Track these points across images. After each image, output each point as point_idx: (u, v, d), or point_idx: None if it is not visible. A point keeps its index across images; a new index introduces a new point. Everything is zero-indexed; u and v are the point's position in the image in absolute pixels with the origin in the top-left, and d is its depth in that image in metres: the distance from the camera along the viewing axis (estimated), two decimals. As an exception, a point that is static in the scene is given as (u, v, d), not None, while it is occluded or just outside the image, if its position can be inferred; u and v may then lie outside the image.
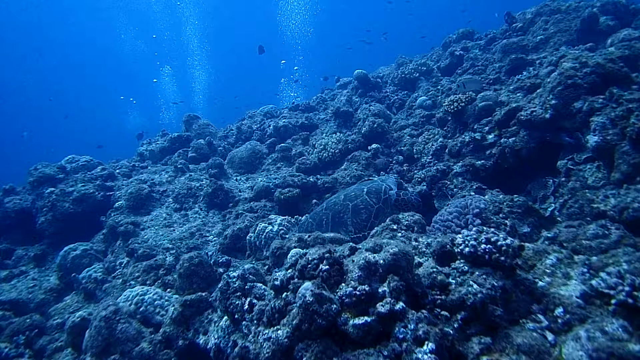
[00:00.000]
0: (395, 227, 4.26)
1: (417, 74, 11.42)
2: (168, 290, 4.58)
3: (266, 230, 5.95)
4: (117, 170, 9.48)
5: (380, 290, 2.60)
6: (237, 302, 3.00)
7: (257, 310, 2.81)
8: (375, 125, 8.70)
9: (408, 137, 8.18)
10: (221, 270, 4.86)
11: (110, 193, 8.09)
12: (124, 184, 8.52)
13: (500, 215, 4.54)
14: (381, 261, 2.66)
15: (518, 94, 6.26)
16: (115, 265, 6.17)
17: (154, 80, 36.57)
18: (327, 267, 2.70)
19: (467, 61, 10.23)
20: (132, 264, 5.70)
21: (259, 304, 2.87)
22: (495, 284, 2.63)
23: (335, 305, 2.41)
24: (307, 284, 2.42)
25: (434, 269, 2.83)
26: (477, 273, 2.72)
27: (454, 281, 2.74)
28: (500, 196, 4.85)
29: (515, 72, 7.68)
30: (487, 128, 6.10)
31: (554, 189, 5.11)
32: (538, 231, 4.56)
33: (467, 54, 10.66)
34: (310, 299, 2.34)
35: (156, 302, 3.93)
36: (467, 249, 2.79)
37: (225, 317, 3.18)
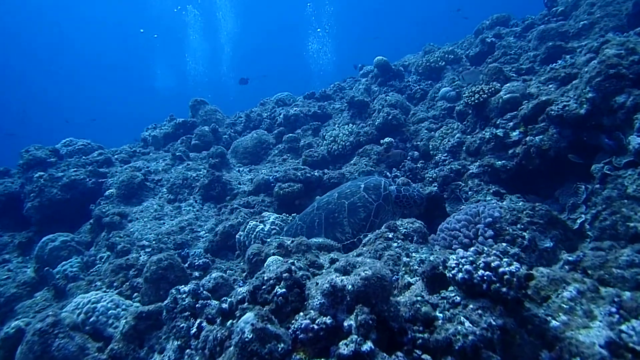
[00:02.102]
0: (390, 236, 3.77)
1: (443, 63, 10.82)
2: (135, 295, 4.25)
3: (257, 229, 5.57)
4: (115, 156, 9.27)
5: (346, 324, 2.14)
6: (182, 325, 2.60)
7: (202, 337, 2.40)
8: (390, 117, 8.15)
9: (425, 132, 7.61)
10: (197, 274, 4.51)
11: (103, 180, 7.86)
12: (118, 170, 8.28)
13: (518, 226, 4.00)
14: (349, 287, 2.20)
15: (550, 86, 5.61)
16: (95, 260, 5.92)
17: (175, 9, 36.67)
18: (283, 290, 2.26)
19: (498, 49, 9.52)
20: (110, 261, 5.42)
21: (206, 329, 2.46)
22: (493, 322, 2.13)
23: (282, 345, 1.97)
24: (249, 315, 1.98)
25: (419, 298, 2.35)
26: (471, 306, 2.22)
27: (441, 315, 2.26)
28: (520, 203, 4.29)
29: (552, 62, 7.00)
30: (511, 124, 5.47)
31: (586, 196, 4.50)
32: (563, 247, 4.00)
33: (500, 42, 9.96)
34: (249, 336, 1.90)
35: (110, 312, 3.57)
36: (460, 275, 2.30)
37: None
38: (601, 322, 2.21)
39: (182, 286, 2.83)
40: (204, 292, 2.79)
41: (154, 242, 6.05)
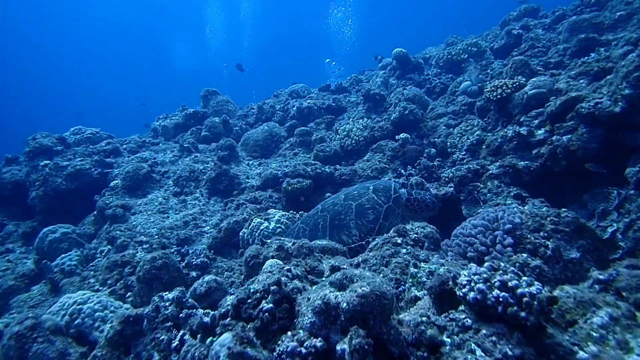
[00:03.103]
0: (399, 241, 3.51)
1: (466, 55, 10.42)
2: (129, 294, 4.08)
3: (261, 227, 5.36)
4: (124, 146, 9.17)
5: (339, 347, 1.90)
6: (162, 337, 2.39)
7: (182, 353, 2.18)
8: (406, 112, 7.84)
9: (444, 128, 7.28)
10: (194, 274, 4.32)
11: (108, 170, 7.75)
12: (124, 161, 8.17)
13: (541, 233, 3.68)
14: (344, 305, 1.95)
15: (581, 81, 5.22)
16: (95, 254, 5.80)
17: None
18: (270, 306, 2.02)
19: (525, 42, 9.08)
20: (108, 256, 5.28)
21: (188, 343, 2.24)
22: (509, 352, 1.86)
23: (263, 371, 1.73)
24: (226, 337, 1.76)
25: (424, 319, 2.09)
26: (483, 332, 1.96)
27: (449, 340, 1.99)
28: (544, 209, 3.95)
29: (584, 56, 6.57)
30: (536, 121, 5.11)
31: (618, 202, 4.14)
32: (591, 258, 3.68)
33: (527, 34, 9.49)
34: (225, 362, 1.68)
35: (97, 314, 3.38)
36: (472, 294, 2.02)
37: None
38: (639, 357, 1.92)
39: (167, 293, 2.62)
40: (190, 300, 2.57)
41: (156, 236, 5.90)
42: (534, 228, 3.70)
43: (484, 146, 5.68)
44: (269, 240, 3.92)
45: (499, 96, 5.70)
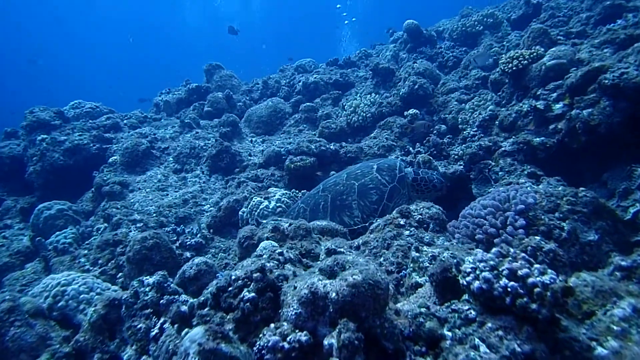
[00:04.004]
0: (402, 222, 3.32)
1: (481, 27, 10.02)
2: (120, 275, 3.97)
3: (261, 206, 5.20)
4: (125, 121, 8.99)
5: (326, 342, 1.72)
6: (140, 326, 2.24)
7: (160, 343, 2.03)
8: (416, 87, 7.52)
9: (455, 103, 6.96)
10: (188, 255, 4.18)
11: (107, 146, 7.61)
12: (124, 137, 8.01)
13: (557, 214, 3.46)
14: (333, 295, 1.76)
15: (605, 50, 4.88)
16: (92, 231, 5.70)
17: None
18: (253, 295, 1.85)
19: (545, 11, 8.64)
20: (101, 234, 5.18)
21: (167, 333, 2.08)
22: (518, 348, 1.67)
23: (238, 370, 1.56)
24: (197, 332, 1.58)
25: (423, 310, 1.91)
26: (489, 325, 1.76)
27: (450, 334, 1.81)
28: (560, 188, 3.71)
29: (609, 24, 6.18)
30: (554, 95, 4.80)
31: (641, 182, 3.90)
32: (611, 240, 3.46)
33: (548, 3, 9.03)
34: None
35: (82, 297, 3.26)
36: (477, 284, 1.82)
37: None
38: (664, 355, 1.71)
39: (147, 277, 2.47)
40: (172, 285, 2.41)
41: (154, 215, 5.77)
42: (548, 209, 3.49)
43: (497, 122, 5.37)
44: (264, 221, 3.75)
45: (514, 68, 5.37)
